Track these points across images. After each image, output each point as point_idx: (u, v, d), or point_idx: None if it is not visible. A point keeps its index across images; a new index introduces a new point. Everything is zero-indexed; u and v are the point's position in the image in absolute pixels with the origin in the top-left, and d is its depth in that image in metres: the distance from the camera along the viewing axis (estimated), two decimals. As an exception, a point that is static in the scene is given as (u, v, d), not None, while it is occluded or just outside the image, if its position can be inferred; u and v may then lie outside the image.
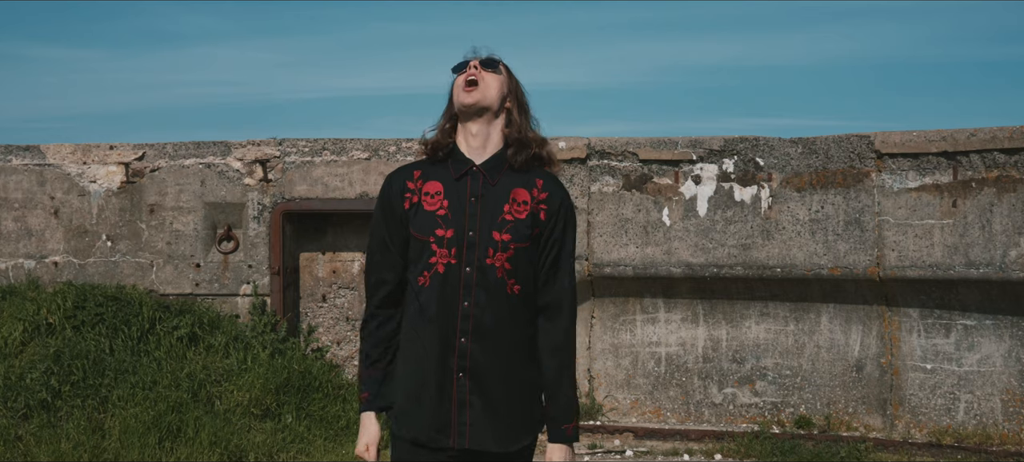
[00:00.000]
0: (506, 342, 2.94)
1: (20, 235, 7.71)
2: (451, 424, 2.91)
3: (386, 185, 3.06)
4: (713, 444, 6.91)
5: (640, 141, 7.26)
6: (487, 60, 3.02)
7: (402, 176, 3.03)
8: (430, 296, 2.92)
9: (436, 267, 2.93)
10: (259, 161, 7.56)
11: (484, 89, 2.98)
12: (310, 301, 7.71)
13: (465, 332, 2.91)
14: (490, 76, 3.00)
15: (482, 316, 2.91)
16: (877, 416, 7.01)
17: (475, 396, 2.91)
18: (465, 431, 2.91)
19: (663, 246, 7.18)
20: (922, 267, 6.76)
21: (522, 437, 2.98)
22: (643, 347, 7.40)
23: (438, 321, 2.92)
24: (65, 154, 7.71)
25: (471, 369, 2.91)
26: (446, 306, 2.91)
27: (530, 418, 3.01)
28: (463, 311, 2.91)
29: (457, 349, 2.91)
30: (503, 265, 2.92)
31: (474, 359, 2.91)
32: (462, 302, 2.91)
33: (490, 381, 2.93)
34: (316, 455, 6.37)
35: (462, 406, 2.91)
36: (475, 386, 2.91)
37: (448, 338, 2.91)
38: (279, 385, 6.72)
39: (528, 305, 2.98)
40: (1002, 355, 6.76)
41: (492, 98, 2.99)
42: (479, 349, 2.91)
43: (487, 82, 2.98)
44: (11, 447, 6.15)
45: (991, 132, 6.59)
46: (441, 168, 3.01)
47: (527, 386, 3.00)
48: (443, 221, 2.94)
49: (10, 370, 6.59)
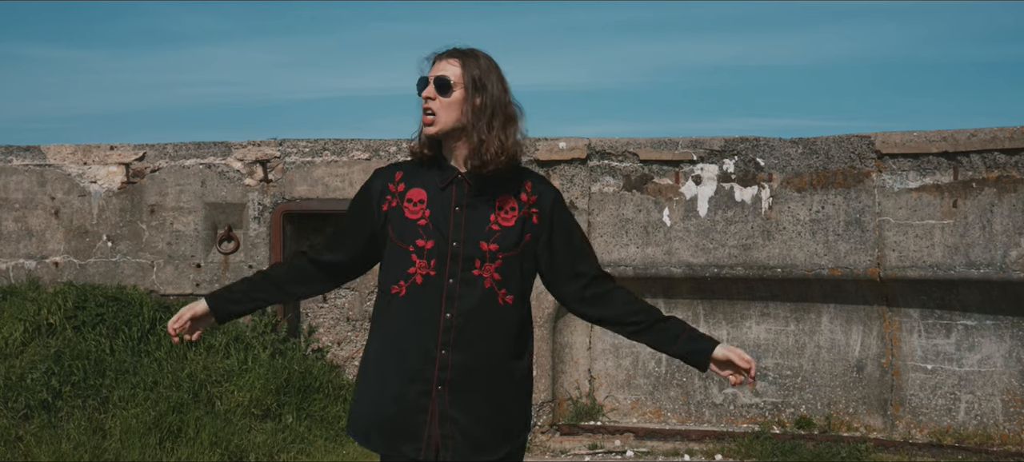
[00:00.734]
0: (494, 352, 2.89)
1: (21, 235, 7.71)
2: (425, 437, 2.86)
3: (369, 181, 3.03)
4: (714, 444, 6.91)
5: (640, 141, 7.26)
6: (440, 81, 2.91)
7: (384, 177, 2.99)
8: (405, 306, 2.88)
9: (414, 278, 2.87)
10: (259, 161, 7.56)
11: (440, 120, 2.90)
12: (310, 301, 7.71)
13: (446, 344, 2.85)
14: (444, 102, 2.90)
15: (464, 327, 2.85)
16: (878, 416, 7.01)
17: (454, 409, 2.86)
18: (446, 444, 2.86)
19: (664, 246, 7.18)
20: (923, 267, 6.76)
21: (501, 446, 2.93)
22: (644, 347, 7.40)
23: (415, 333, 2.86)
24: (66, 154, 7.71)
25: (451, 382, 2.85)
26: (425, 317, 2.86)
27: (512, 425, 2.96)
28: (445, 323, 2.85)
29: (437, 361, 2.85)
30: (492, 275, 2.87)
31: (454, 371, 2.85)
32: (444, 314, 2.85)
33: (470, 393, 2.87)
34: (317, 455, 6.37)
35: (441, 419, 2.86)
36: (454, 399, 2.86)
37: (427, 350, 2.85)
38: (279, 385, 6.72)
39: (521, 313, 2.94)
40: (1003, 355, 6.76)
41: (450, 122, 2.91)
42: (460, 361, 2.85)
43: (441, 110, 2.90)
44: (12, 447, 6.15)
45: (991, 132, 6.59)
46: (426, 174, 2.96)
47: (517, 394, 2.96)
48: (424, 231, 2.88)
49: (11, 370, 6.59)
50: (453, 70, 2.92)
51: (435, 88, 2.91)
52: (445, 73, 2.91)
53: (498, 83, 2.94)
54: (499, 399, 2.92)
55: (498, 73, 2.96)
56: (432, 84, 2.92)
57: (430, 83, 2.92)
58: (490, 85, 2.93)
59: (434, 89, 2.91)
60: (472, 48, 2.97)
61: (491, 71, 2.94)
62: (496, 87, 2.93)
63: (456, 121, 2.91)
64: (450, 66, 2.93)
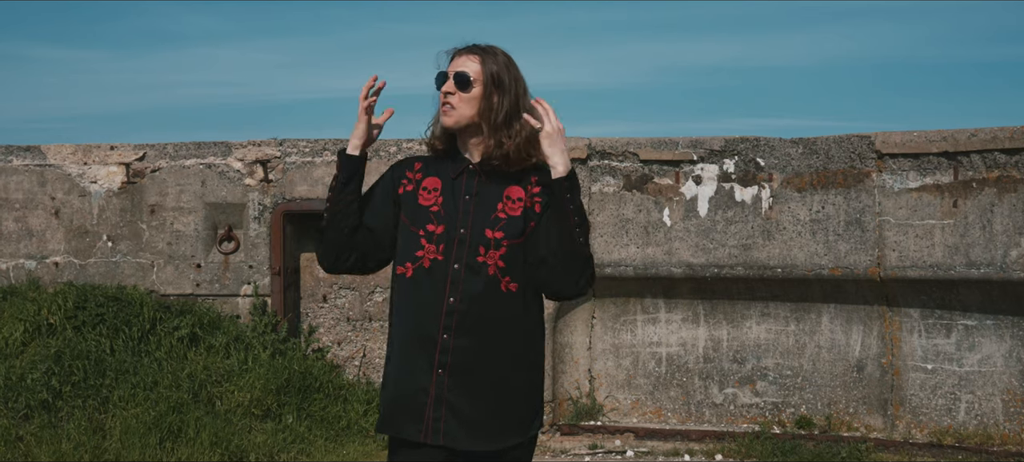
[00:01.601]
0: (497, 340, 2.93)
1: (21, 235, 7.71)
2: (425, 419, 2.91)
3: (389, 170, 3.10)
4: (714, 444, 6.91)
5: (641, 141, 7.26)
6: (460, 77, 2.97)
7: (404, 165, 3.08)
8: (410, 288, 2.95)
9: (421, 261, 2.94)
10: (260, 161, 7.56)
11: (457, 114, 2.97)
12: (311, 301, 7.71)
13: (448, 328, 2.90)
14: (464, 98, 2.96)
15: (467, 312, 2.90)
16: (878, 416, 7.01)
17: (454, 393, 2.90)
18: (439, 427, 2.90)
19: (664, 246, 7.18)
20: (923, 267, 6.76)
21: (510, 436, 2.95)
22: (644, 347, 7.40)
23: (420, 316, 2.93)
24: (66, 154, 7.71)
25: (452, 365, 2.90)
26: (429, 301, 2.92)
27: (522, 416, 2.98)
28: (448, 307, 2.90)
29: (439, 345, 2.90)
30: (496, 262, 2.92)
31: (456, 356, 2.90)
32: (447, 298, 2.90)
33: (473, 378, 2.91)
34: (317, 455, 6.37)
35: (438, 402, 2.90)
36: (454, 383, 2.90)
37: (430, 333, 2.91)
38: (280, 386, 6.72)
39: (526, 302, 2.97)
40: (1003, 355, 6.76)
41: (467, 117, 2.97)
42: (462, 346, 2.90)
43: (460, 105, 2.97)
44: (12, 447, 6.15)
45: (992, 132, 6.59)
46: (442, 164, 3.04)
47: (520, 384, 2.98)
48: (435, 217, 2.96)
49: (11, 370, 6.59)
50: (473, 66, 2.98)
51: (455, 83, 2.97)
52: (465, 69, 2.97)
53: (515, 81, 3.00)
54: (501, 387, 2.95)
55: (516, 71, 3.02)
56: (451, 79, 2.98)
57: (450, 78, 2.98)
58: (508, 82, 2.98)
59: (454, 84, 2.97)
60: (491, 45, 3.03)
61: (509, 68, 3.00)
62: (513, 85, 2.99)
63: (473, 116, 2.98)
64: (470, 62, 2.98)
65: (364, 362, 7.57)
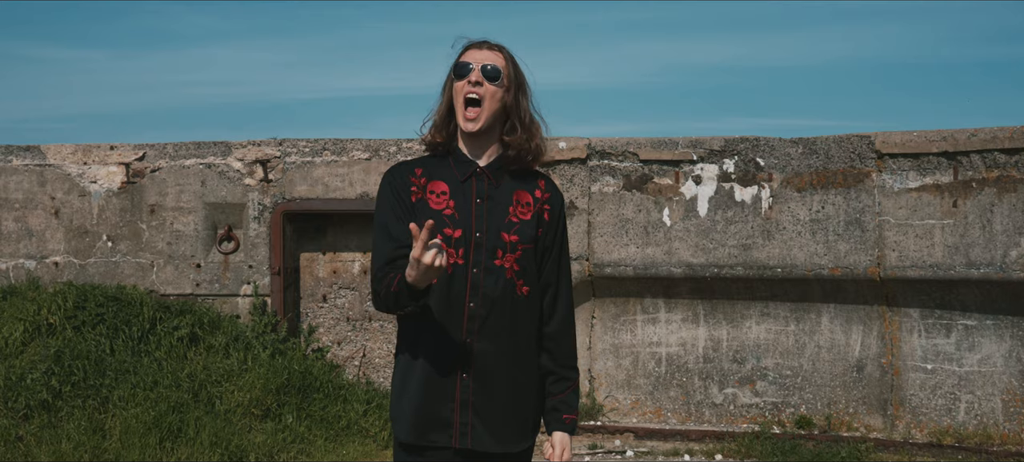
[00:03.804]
0: (513, 343, 2.91)
1: (21, 235, 7.71)
2: (453, 424, 2.88)
3: (388, 177, 2.96)
4: (714, 444, 6.91)
5: (640, 141, 7.26)
6: (490, 70, 2.88)
7: (404, 171, 2.96)
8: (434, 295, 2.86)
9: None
10: (259, 161, 7.56)
11: (486, 112, 2.88)
12: (310, 301, 7.71)
13: (471, 332, 2.87)
14: (491, 91, 2.88)
15: (488, 316, 2.87)
16: (878, 416, 7.01)
17: (478, 397, 2.88)
18: (467, 431, 2.87)
19: (663, 246, 7.18)
20: (923, 267, 6.76)
21: (525, 438, 2.97)
22: (644, 347, 7.40)
23: (442, 321, 2.87)
24: (66, 154, 7.71)
25: (476, 370, 2.88)
26: (451, 306, 2.87)
27: (533, 419, 3.00)
28: (470, 311, 2.87)
29: (462, 349, 2.87)
30: (512, 266, 2.89)
31: (479, 359, 2.87)
32: (468, 303, 2.87)
33: (495, 382, 2.90)
34: (317, 455, 6.37)
35: (465, 406, 2.88)
36: (479, 387, 2.88)
37: (453, 338, 2.87)
38: (280, 385, 6.72)
39: (535, 306, 2.96)
40: (1003, 355, 6.76)
41: (493, 113, 2.90)
42: (484, 349, 2.88)
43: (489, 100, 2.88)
44: (12, 447, 6.15)
45: (991, 132, 6.59)
46: (443, 167, 2.95)
47: (531, 387, 2.98)
48: (451, 221, 2.89)
49: (11, 370, 6.59)
50: (499, 60, 2.91)
51: (483, 74, 2.88)
52: (494, 62, 2.90)
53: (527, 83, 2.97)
54: (521, 391, 2.94)
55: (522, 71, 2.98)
56: (479, 70, 2.89)
57: (477, 69, 2.89)
58: (524, 83, 2.95)
59: (481, 74, 2.88)
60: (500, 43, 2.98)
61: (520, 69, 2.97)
62: (527, 86, 2.96)
63: (496, 113, 2.90)
64: (495, 56, 2.92)
65: (364, 362, 7.58)
